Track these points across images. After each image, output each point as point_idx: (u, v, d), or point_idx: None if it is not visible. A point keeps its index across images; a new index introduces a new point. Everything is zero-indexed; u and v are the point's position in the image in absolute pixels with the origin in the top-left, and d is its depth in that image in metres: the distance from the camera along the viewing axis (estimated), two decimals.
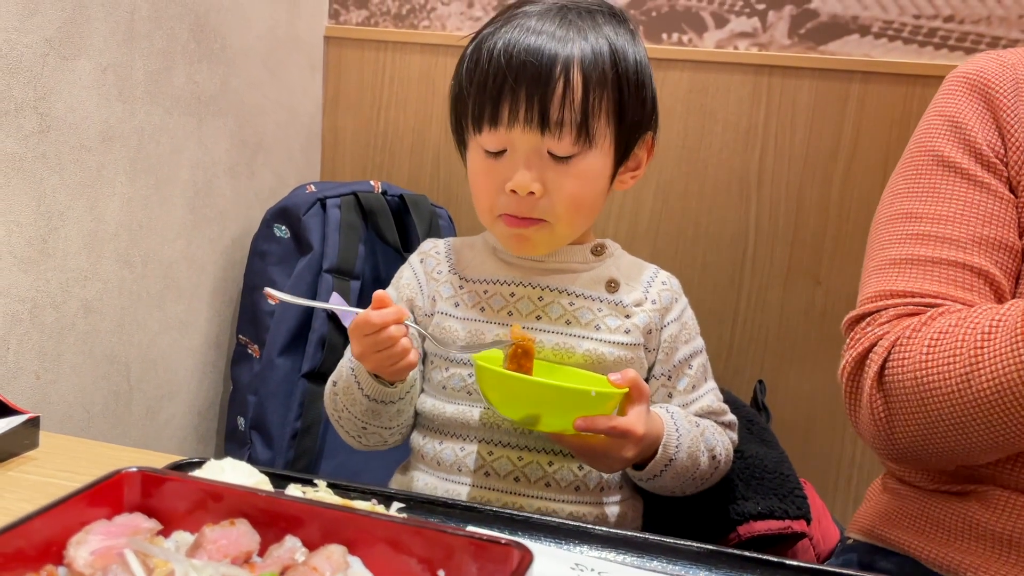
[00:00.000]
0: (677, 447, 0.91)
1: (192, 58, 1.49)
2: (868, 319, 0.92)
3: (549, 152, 0.91)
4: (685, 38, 1.71)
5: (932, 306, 0.89)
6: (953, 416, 0.83)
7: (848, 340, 0.94)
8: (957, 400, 0.82)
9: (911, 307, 0.90)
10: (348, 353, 0.95)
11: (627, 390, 0.86)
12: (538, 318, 0.96)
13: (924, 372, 0.84)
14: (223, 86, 1.58)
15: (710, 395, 1.01)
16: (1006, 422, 0.79)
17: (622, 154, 0.97)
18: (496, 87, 0.90)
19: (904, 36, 1.61)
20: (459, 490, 0.94)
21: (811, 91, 1.66)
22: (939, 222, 0.92)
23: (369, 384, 0.91)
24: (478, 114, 0.92)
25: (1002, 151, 0.92)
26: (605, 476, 0.96)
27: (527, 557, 0.51)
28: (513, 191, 0.92)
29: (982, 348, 0.81)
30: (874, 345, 0.90)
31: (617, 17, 0.96)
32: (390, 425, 0.97)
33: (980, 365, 0.80)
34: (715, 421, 1.00)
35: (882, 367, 0.88)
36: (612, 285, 0.98)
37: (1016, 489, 0.88)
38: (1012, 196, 0.92)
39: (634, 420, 0.86)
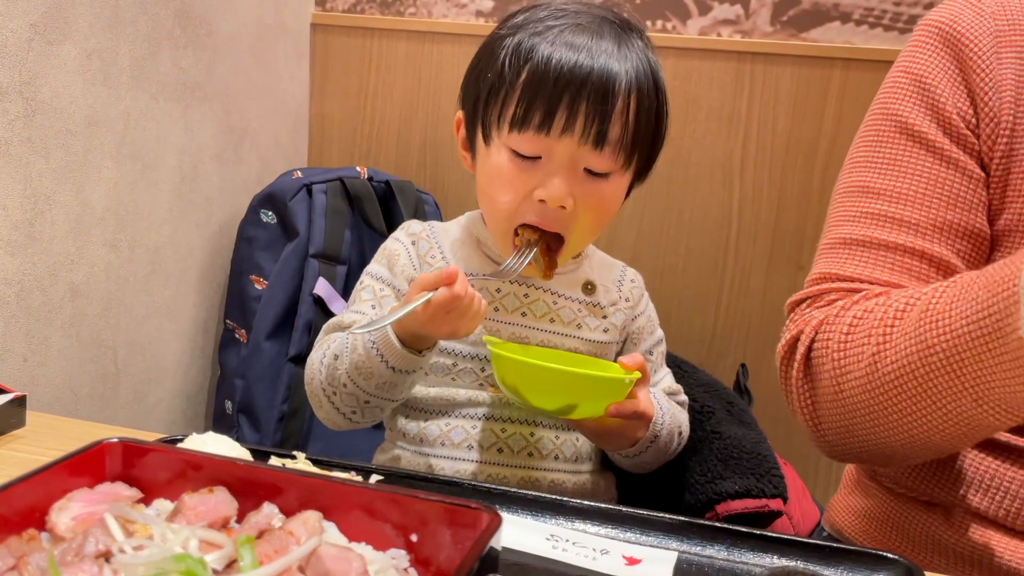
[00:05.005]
0: (662, 425, 0.95)
1: (178, 44, 1.50)
2: (807, 302, 0.86)
3: (586, 168, 0.89)
4: (669, 25, 1.72)
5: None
6: (866, 404, 0.76)
7: (787, 323, 0.88)
8: (867, 385, 0.75)
9: (851, 292, 0.83)
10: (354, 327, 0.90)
11: (639, 374, 0.88)
12: (523, 314, 0.98)
13: (841, 355, 0.78)
14: (209, 72, 1.59)
15: (668, 378, 1.06)
16: (913, 410, 0.73)
17: (642, 177, 0.98)
18: (556, 94, 0.86)
19: (884, 23, 1.62)
20: (442, 464, 0.96)
21: (793, 78, 1.67)
22: (898, 201, 0.83)
23: (398, 356, 0.87)
24: (522, 116, 0.88)
25: (973, 120, 0.82)
26: (579, 444, 0.99)
27: (495, 520, 0.53)
28: (543, 200, 0.88)
29: (892, 328, 0.74)
30: (805, 329, 0.84)
31: (640, 33, 0.94)
32: (399, 396, 0.93)
33: (887, 347, 0.74)
34: (674, 401, 1.04)
35: (808, 351, 0.83)
36: (588, 288, 1.01)
37: (977, 514, 0.84)
38: (982, 173, 0.82)
39: (647, 402, 0.90)
